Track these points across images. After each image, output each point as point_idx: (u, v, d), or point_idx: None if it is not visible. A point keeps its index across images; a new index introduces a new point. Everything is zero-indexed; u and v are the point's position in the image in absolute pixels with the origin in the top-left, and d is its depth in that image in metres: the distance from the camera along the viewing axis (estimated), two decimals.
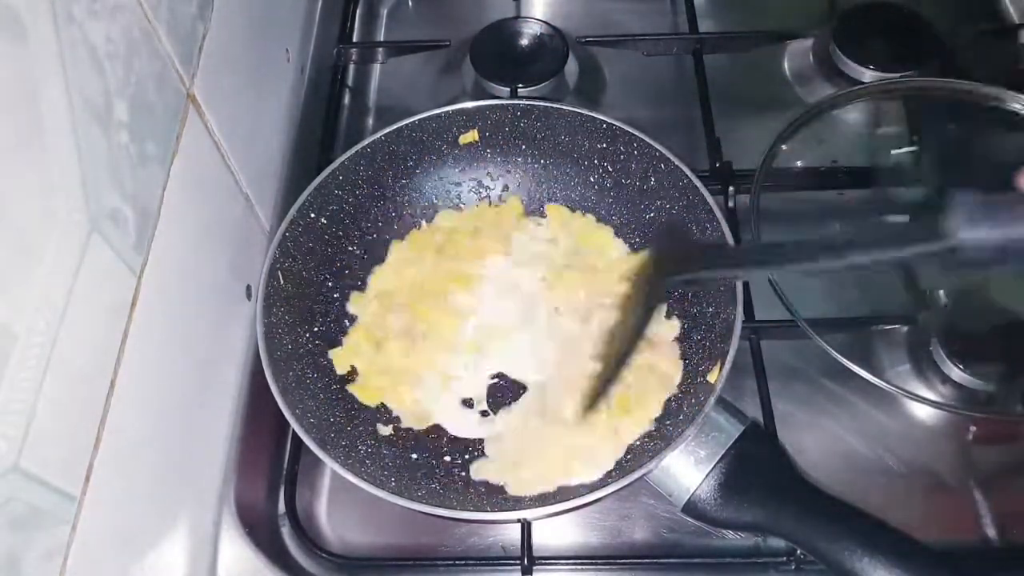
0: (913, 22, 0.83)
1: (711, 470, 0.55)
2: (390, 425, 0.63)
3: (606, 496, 0.52)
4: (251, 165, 0.66)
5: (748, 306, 0.65)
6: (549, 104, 0.69)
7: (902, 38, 0.82)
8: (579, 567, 0.61)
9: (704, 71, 0.82)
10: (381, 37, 0.95)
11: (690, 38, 0.85)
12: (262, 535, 0.60)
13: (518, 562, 0.58)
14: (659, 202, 0.68)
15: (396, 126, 0.69)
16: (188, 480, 0.56)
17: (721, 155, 0.75)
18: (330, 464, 0.54)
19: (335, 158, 0.68)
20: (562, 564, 0.60)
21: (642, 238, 0.70)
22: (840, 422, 0.66)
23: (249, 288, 0.66)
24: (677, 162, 0.65)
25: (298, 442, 0.63)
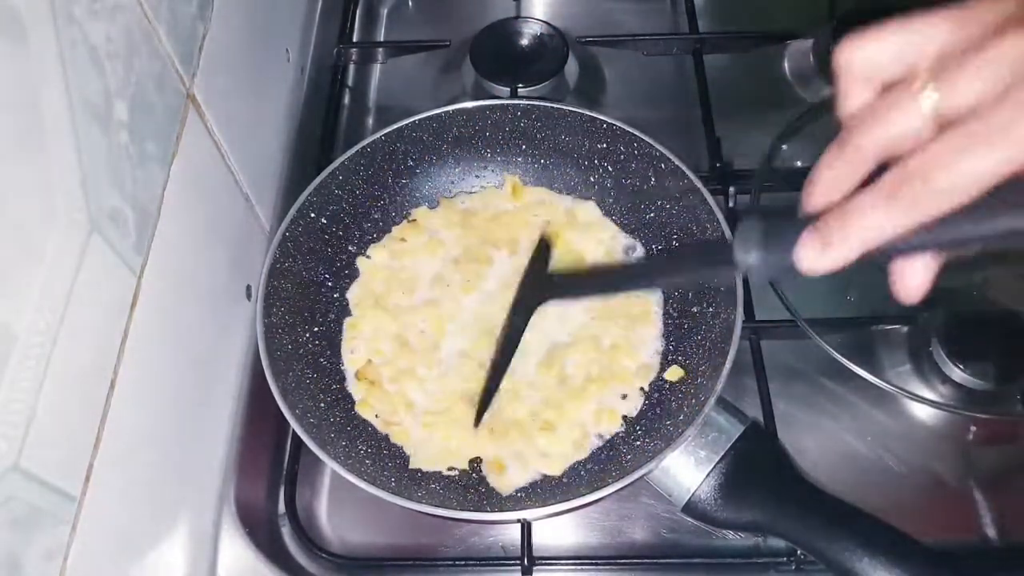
0: None
1: (711, 470, 0.55)
2: None
3: (606, 496, 0.52)
4: (251, 165, 0.66)
5: (748, 306, 0.65)
6: (549, 104, 0.69)
7: None
8: (579, 567, 0.61)
9: (704, 71, 0.82)
10: (381, 37, 0.95)
11: (690, 38, 0.85)
12: (262, 535, 0.60)
13: (518, 562, 0.58)
14: (659, 202, 0.68)
15: (396, 126, 0.69)
16: (188, 480, 0.56)
17: (721, 155, 0.75)
18: (330, 464, 0.54)
19: (335, 158, 0.68)
20: (562, 564, 0.60)
21: (642, 238, 0.70)
22: (840, 422, 0.66)
23: (249, 288, 0.66)
24: (677, 162, 0.65)
25: (298, 442, 0.63)
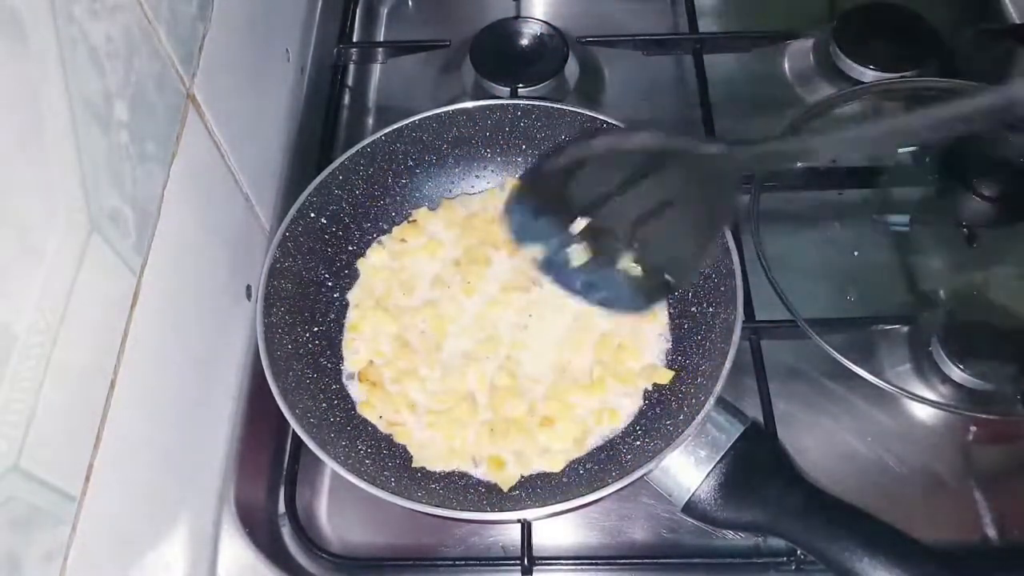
0: (913, 22, 0.83)
1: (711, 470, 0.55)
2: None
3: (606, 496, 0.52)
4: (251, 165, 0.66)
5: (748, 306, 0.65)
6: (549, 104, 0.69)
7: (902, 38, 0.82)
8: (579, 567, 0.61)
9: (704, 71, 0.82)
10: (381, 37, 0.95)
11: (690, 38, 0.85)
12: (262, 535, 0.60)
13: (518, 562, 0.58)
14: None
15: (396, 126, 0.69)
16: (188, 480, 0.56)
17: None
18: (330, 464, 0.54)
19: (335, 158, 0.68)
20: (562, 564, 0.60)
21: None
22: (840, 422, 0.66)
23: (249, 288, 0.66)
24: None
25: (298, 442, 0.63)
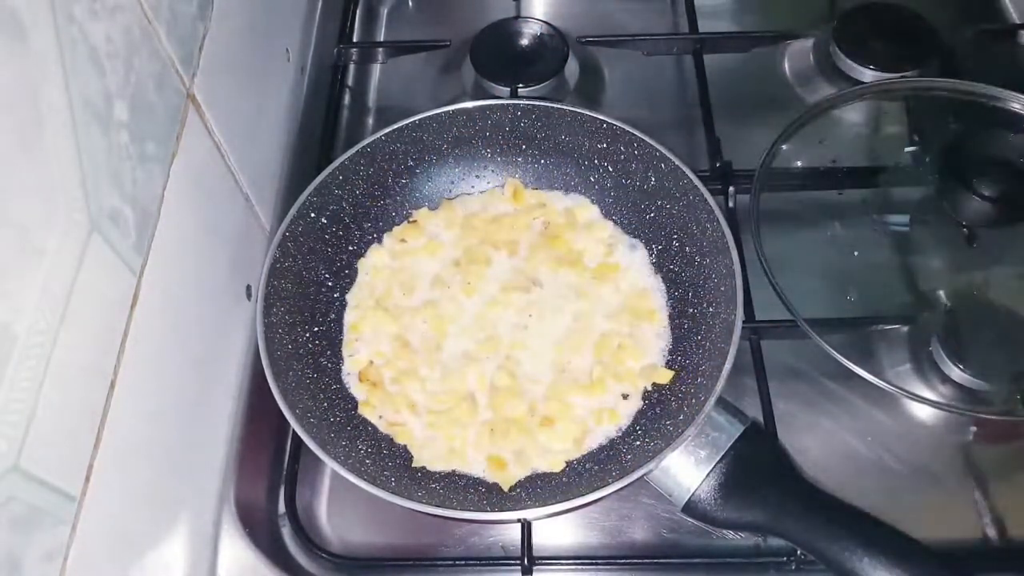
0: (913, 22, 0.83)
1: (711, 470, 0.55)
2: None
3: (606, 496, 0.52)
4: (251, 165, 0.66)
5: (748, 306, 0.65)
6: (549, 104, 0.69)
7: (902, 38, 0.82)
8: (579, 567, 0.61)
9: (704, 71, 0.82)
10: (381, 37, 0.95)
11: (690, 38, 0.85)
12: (262, 535, 0.60)
13: (518, 562, 0.58)
14: (660, 202, 0.68)
15: (396, 126, 0.69)
16: (188, 480, 0.56)
17: (721, 155, 0.75)
18: (330, 464, 0.54)
19: (335, 158, 0.68)
20: (562, 564, 0.60)
21: (642, 238, 0.70)
22: (840, 422, 0.66)
23: (249, 288, 0.66)
24: (677, 162, 0.65)
25: (298, 442, 0.63)
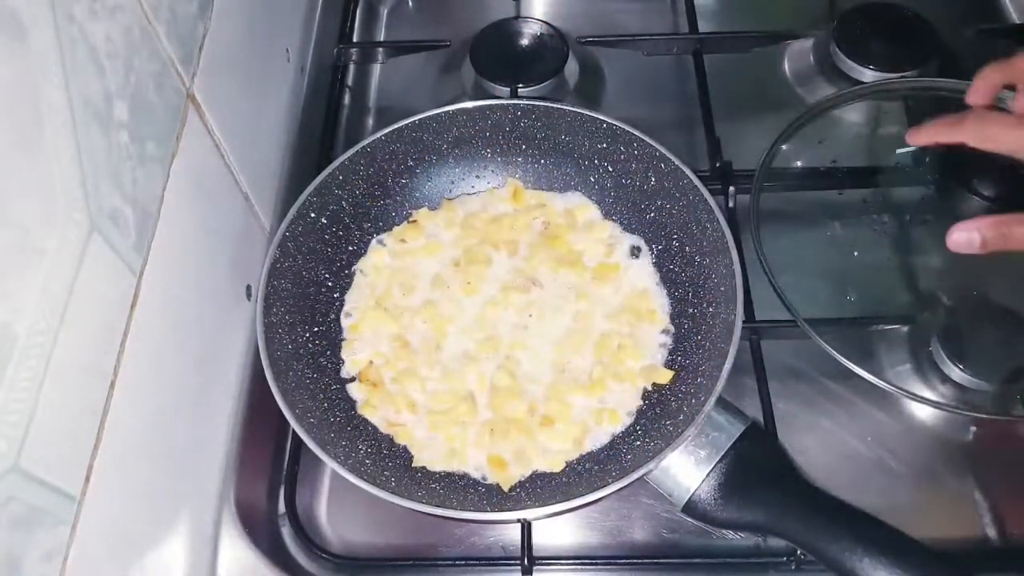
0: (913, 22, 0.83)
1: (711, 470, 0.55)
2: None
3: (606, 496, 0.52)
4: (251, 165, 0.66)
5: (748, 306, 0.65)
6: (549, 104, 0.69)
7: (902, 38, 0.82)
8: (579, 567, 0.61)
9: (704, 71, 0.82)
10: (381, 37, 0.95)
11: (690, 38, 0.85)
12: (262, 535, 0.60)
13: (518, 562, 0.58)
14: (659, 202, 0.68)
15: (396, 126, 0.69)
16: (188, 480, 0.56)
17: (721, 155, 0.75)
18: (330, 464, 0.54)
19: (335, 158, 0.68)
20: (562, 564, 0.60)
21: (642, 238, 0.70)
22: (840, 422, 0.66)
23: (249, 288, 0.66)
24: (677, 162, 0.65)
25: (298, 442, 0.63)
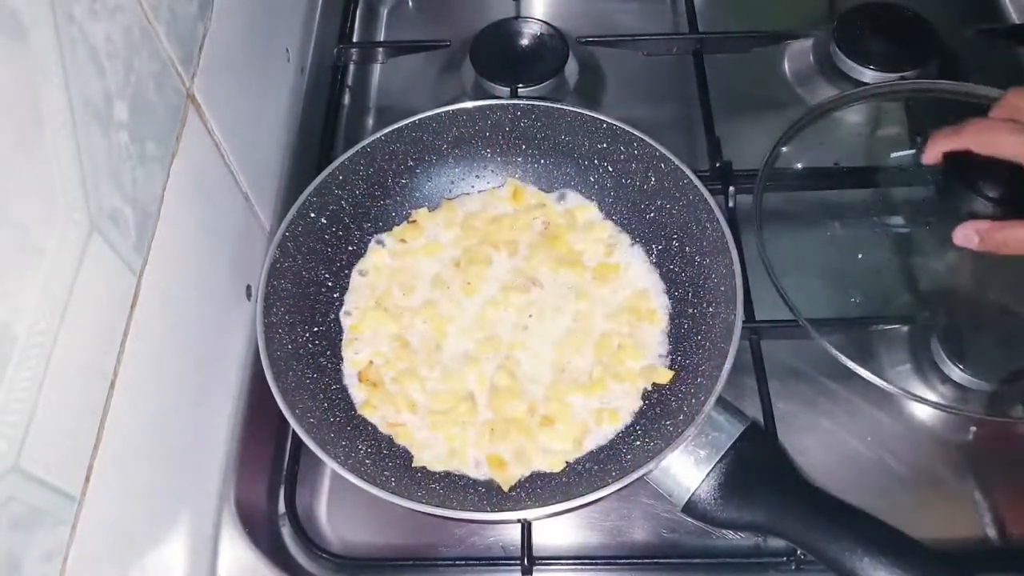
0: (913, 22, 0.83)
1: (711, 470, 0.55)
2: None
3: (606, 496, 0.52)
4: (251, 165, 0.66)
5: (748, 306, 0.65)
6: (549, 104, 0.69)
7: (902, 38, 0.82)
8: (579, 567, 0.61)
9: (704, 71, 0.82)
10: (381, 37, 0.95)
11: (690, 38, 0.85)
12: (262, 535, 0.60)
13: (518, 562, 0.58)
14: (659, 202, 0.68)
15: (396, 126, 0.69)
16: (188, 480, 0.56)
17: (721, 155, 0.75)
18: (330, 464, 0.54)
19: (335, 158, 0.68)
20: (562, 564, 0.60)
21: (642, 238, 0.70)
22: (840, 422, 0.66)
23: (249, 288, 0.66)
24: (677, 162, 0.65)
25: (298, 442, 0.63)
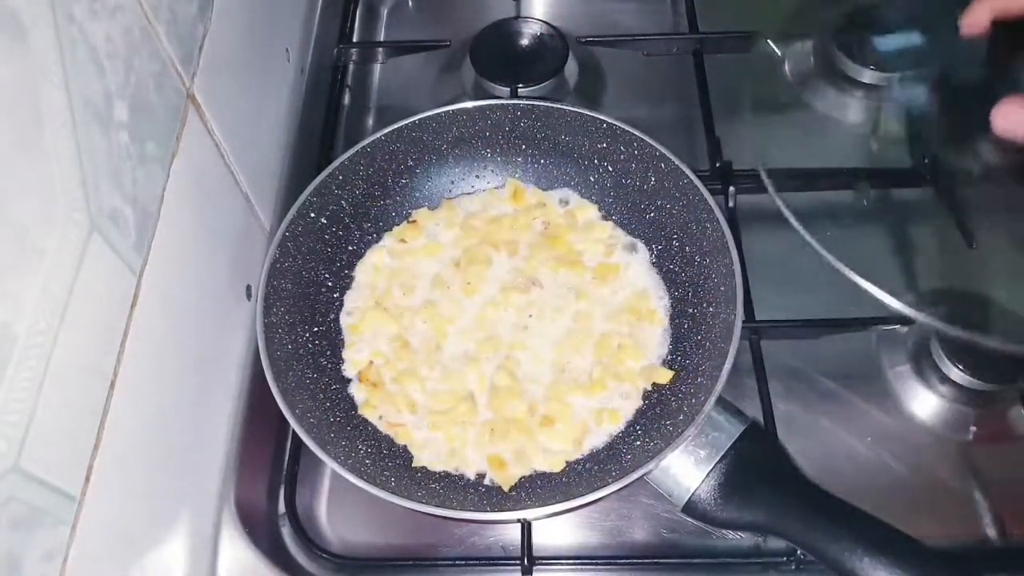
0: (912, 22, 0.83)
1: (711, 470, 0.55)
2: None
3: (606, 496, 0.52)
4: (251, 165, 0.66)
5: (748, 306, 0.65)
6: (549, 104, 0.69)
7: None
8: (579, 567, 0.61)
9: (704, 71, 0.82)
10: (381, 37, 0.95)
11: (690, 38, 0.85)
12: (262, 535, 0.60)
13: (518, 562, 0.58)
14: (659, 202, 0.68)
15: (396, 126, 0.69)
16: (188, 480, 0.56)
17: (721, 155, 0.75)
18: (330, 464, 0.54)
19: (335, 158, 0.68)
20: (562, 564, 0.60)
21: (642, 238, 0.70)
22: (840, 422, 0.66)
23: (249, 288, 0.66)
24: (677, 162, 0.65)
25: (298, 442, 0.63)
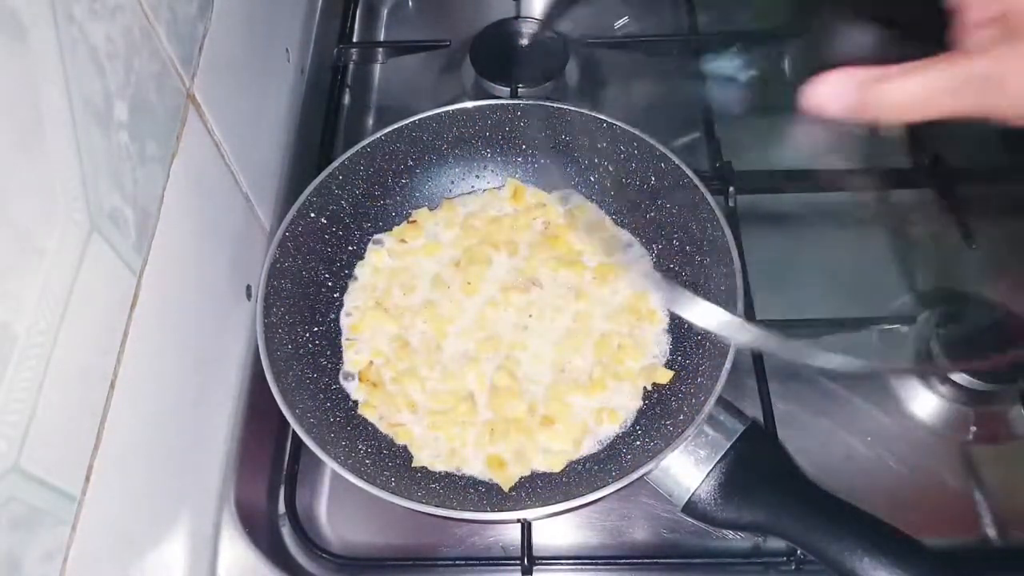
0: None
1: (711, 470, 0.55)
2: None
3: (606, 496, 0.52)
4: (251, 165, 0.66)
5: (748, 306, 0.65)
6: (549, 104, 0.69)
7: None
8: (579, 567, 0.61)
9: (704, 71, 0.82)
10: (381, 37, 0.95)
11: (690, 38, 0.85)
12: (262, 535, 0.60)
13: (518, 562, 0.58)
14: (660, 202, 0.68)
15: (396, 126, 0.69)
16: (188, 480, 0.56)
17: (721, 155, 0.75)
18: (330, 464, 0.54)
19: (335, 158, 0.68)
20: (562, 564, 0.60)
21: (642, 238, 0.70)
22: (840, 422, 0.66)
23: (249, 288, 0.66)
24: (677, 162, 0.65)
25: (298, 442, 0.63)
